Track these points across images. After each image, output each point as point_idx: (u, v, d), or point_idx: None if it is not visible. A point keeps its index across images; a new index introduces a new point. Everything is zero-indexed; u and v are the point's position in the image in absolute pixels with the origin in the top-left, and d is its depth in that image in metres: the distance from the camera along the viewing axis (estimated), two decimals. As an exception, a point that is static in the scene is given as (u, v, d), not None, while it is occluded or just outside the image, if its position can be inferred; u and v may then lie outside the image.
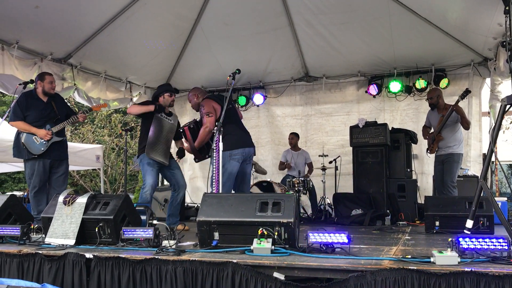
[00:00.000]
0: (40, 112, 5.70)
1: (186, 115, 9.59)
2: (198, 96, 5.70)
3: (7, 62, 6.37)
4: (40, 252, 3.58)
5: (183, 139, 5.82)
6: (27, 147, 5.53)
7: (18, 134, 5.60)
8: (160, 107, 5.75)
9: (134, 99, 8.88)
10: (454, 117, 6.53)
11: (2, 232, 4.14)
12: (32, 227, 4.20)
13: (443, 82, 7.97)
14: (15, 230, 4.07)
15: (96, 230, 3.93)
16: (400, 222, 6.42)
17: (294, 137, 8.68)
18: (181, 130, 5.56)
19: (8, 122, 5.66)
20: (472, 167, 7.84)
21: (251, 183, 7.79)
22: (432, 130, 6.95)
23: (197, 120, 5.56)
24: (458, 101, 6.46)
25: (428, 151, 6.92)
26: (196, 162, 5.90)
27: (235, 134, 5.33)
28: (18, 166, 9.75)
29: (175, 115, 6.17)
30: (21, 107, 5.60)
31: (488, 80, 7.72)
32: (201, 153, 5.50)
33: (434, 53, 7.81)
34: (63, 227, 4.02)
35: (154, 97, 6.02)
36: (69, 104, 6.84)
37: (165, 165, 5.69)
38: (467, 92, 6.58)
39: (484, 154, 7.57)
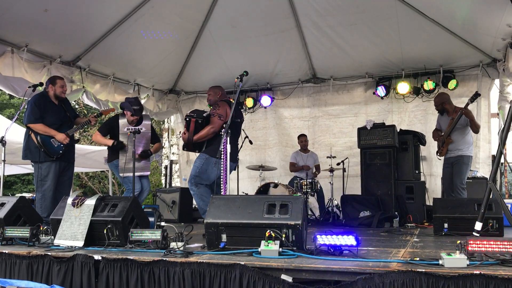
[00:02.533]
0: (55, 115, 5.77)
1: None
2: (220, 95, 5.77)
3: (17, 65, 6.43)
4: (49, 253, 3.60)
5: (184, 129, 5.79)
6: (45, 149, 5.57)
7: (29, 136, 5.63)
8: (117, 145, 5.88)
9: (142, 101, 8.91)
10: (464, 120, 6.48)
11: (11, 234, 4.17)
12: (41, 228, 4.23)
13: (452, 84, 7.93)
14: (24, 232, 4.10)
15: (105, 231, 3.95)
16: (409, 224, 6.39)
17: (305, 139, 8.67)
18: (186, 119, 5.51)
19: (27, 124, 5.62)
20: (481, 168, 7.79)
21: (260, 184, 7.82)
22: (442, 133, 6.90)
23: (205, 115, 5.53)
24: (467, 104, 6.41)
25: (438, 154, 6.88)
26: (183, 150, 6.00)
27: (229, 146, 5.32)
28: (27, 168, 9.81)
29: (147, 116, 6.41)
30: (40, 109, 5.64)
31: (497, 81, 7.67)
32: (194, 147, 5.56)
33: (442, 54, 7.78)
34: (72, 229, 4.04)
35: (121, 108, 6.20)
36: (77, 106, 6.92)
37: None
38: (476, 95, 6.53)
39: (493, 156, 7.51)
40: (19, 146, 5.96)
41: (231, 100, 5.62)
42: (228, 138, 5.20)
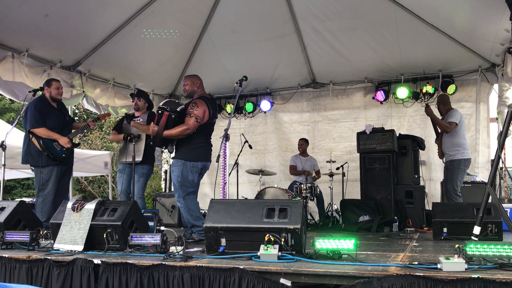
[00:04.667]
0: (56, 119, 5.80)
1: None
2: (198, 85, 5.34)
3: (17, 70, 6.45)
4: (49, 257, 3.61)
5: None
6: (49, 153, 5.58)
7: (29, 140, 5.63)
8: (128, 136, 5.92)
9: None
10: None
11: (11, 238, 4.18)
12: (41, 233, 4.24)
13: (451, 88, 7.95)
14: (24, 236, 4.11)
15: (104, 236, 3.97)
16: (408, 229, 6.39)
17: (304, 143, 8.68)
18: (159, 111, 4.94)
19: (29, 129, 5.60)
20: (481, 173, 7.80)
21: (259, 189, 7.82)
22: None
23: (179, 109, 4.99)
24: (426, 105, 6.61)
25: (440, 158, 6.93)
26: (150, 144, 5.51)
27: (202, 147, 5.12)
28: (27, 172, 9.81)
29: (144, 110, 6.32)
30: (40, 113, 5.66)
31: (496, 86, 7.69)
32: (163, 142, 5.09)
33: (441, 59, 7.80)
34: (72, 233, 4.06)
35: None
36: (77, 111, 6.96)
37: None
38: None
39: (492, 160, 7.51)
40: (19, 150, 5.97)
41: (208, 96, 5.33)
42: (202, 141, 5.06)
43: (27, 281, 3.59)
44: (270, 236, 3.39)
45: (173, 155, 5.26)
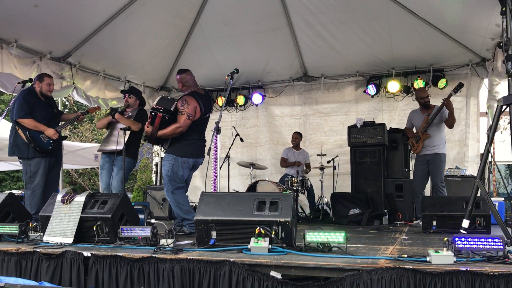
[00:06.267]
0: (44, 111, 5.74)
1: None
2: (189, 82, 5.29)
3: (6, 61, 6.38)
4: (38, 250, 3.59)
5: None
6: (35, 144, 5.53)
7: (16, 132, 5.58)
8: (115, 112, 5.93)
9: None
10: (441, 114, 6.48)
11: (0, 231, 4.16)
12: (30, 225, 4.22)
13: (441, 83, 7.99)
14: (13, 229, 4.08)
15: (94, 228, 3.95)
16: (398, 222, 6.44)
17: (298, 136, 8.69)
18: (152, 113, 4.92)
19: (16, 120, 5.55)
20: (470, 167, 7.86)
21: (250, 182, 7.83)
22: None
23: (173, 109, 4.94)
24: (450, 95, 6.38)
25: (412, 151, 6.87)
26: (145, 141, 5.67)
27: (195, 143, 5.11)
28: (16, 164, 9.74)
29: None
30: (28, 104, 5.60)
31: (486, 81, 7.74)
32: (157, 141, 5.14)
33: (432, 54, 7.83)
34: (61, 226, 4.03)
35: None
36: (67, 103, 6.90)
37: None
38: (460, 86, 6.55)
39: (481, 155, 7.58)
40: (6, 142, 5.91)
41: (200, 91, 5.26)
42: (194, 137, 5.06)
43: (16, 274, 3.57)
44: (261, 228, 3.40)
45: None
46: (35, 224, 4.33)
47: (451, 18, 6.76)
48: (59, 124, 5.93)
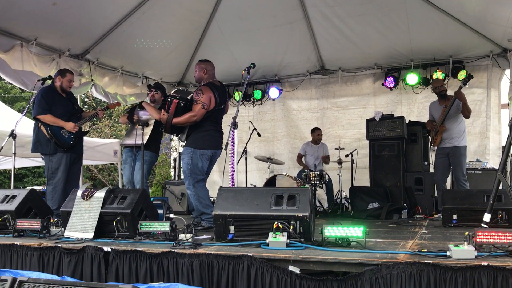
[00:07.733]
0: (64, 107, 5.81)
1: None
2: (206, 72, 5.29)
3: (26, 59, 6.47)
4: (60, 245, 3.65)
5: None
6: (57, 140, 5.61)
7: (38, 128, 5.66)
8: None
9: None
10: (456, 105, 6.40)
11: (23, 226, 4.24)
12: (51, 221, 4.29)
13: (461, 74, 7.84)
14: (35, 224, 4.16)
15: (114, 223, 3.99)
16: (417, 216, 6.37)
17: (320, 133, 8.62)
18: (168, 99, 5.03)
19: (35, 116, 5.65)
20: (491, 160, 7.74)
21: (268, 176, 7.83)
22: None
23: (189, 97, 5.04)
24: (460, 88, 6.31)
25: (432, 144, 6.81)
26: (161, 130, 5.65)
27: (211, 134, 5.12)
28: (37, 161, 9.89)
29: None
30: (47, 101, 5.67)
31: (507, 72, 7.58)
32: (173, 130, 5.21)
33: (451, 45, 7.70)
34: (82, 221, 4.09)
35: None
36: (86, 99, 6.96)
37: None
38: (469, 77, 6.44)
39: (503, 147, 7.45)
40: (29, 139, 5.99)
41: (216, 83, 5.25)
42: (211, 128, 5.06)
43: (39, 269, 3.64)
44: (279, 223, 3.40)
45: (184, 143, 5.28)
46: (56, 219, 4.39)
47: (471, 8, 6.64)
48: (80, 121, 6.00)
